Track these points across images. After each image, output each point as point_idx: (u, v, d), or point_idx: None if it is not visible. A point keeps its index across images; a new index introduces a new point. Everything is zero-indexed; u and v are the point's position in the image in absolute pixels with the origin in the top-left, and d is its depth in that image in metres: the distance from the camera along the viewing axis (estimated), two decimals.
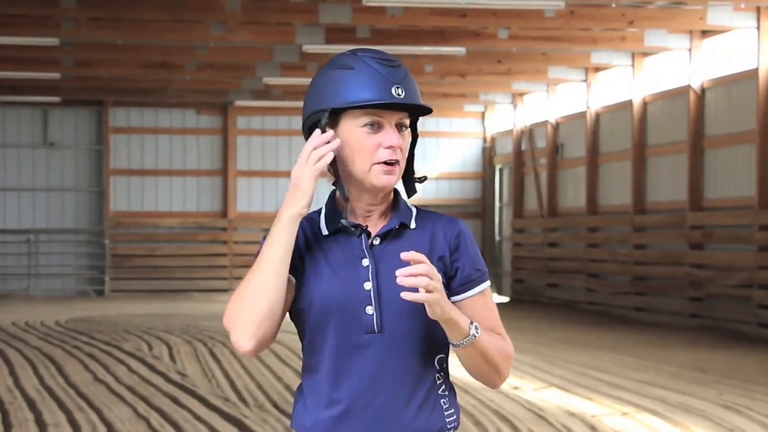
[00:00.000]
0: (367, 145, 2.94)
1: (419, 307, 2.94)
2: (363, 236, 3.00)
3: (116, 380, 12.59)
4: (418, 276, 2.82)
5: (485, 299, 3.05)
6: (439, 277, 2.85)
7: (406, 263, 2.90)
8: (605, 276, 22.90)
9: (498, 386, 3.06)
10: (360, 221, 3.02)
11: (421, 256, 2.84)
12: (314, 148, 2.91)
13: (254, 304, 2.89)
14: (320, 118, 2.94)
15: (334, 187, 3.04)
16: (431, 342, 3.01)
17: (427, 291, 2.83)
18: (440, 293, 2.85)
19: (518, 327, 19.33)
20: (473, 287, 3.03)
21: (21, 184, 27.44)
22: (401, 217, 3.03)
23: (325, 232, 3.01)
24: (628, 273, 21.70)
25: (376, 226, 3.03)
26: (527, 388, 11.96)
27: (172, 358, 14.67)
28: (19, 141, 27.45)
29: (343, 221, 2.99)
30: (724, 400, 11.13)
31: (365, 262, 2.98)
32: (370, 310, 2.95)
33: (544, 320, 20.95)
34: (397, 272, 2.83)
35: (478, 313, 3.01)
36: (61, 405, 11.00)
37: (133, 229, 27.85)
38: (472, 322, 2.93)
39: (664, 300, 20.54)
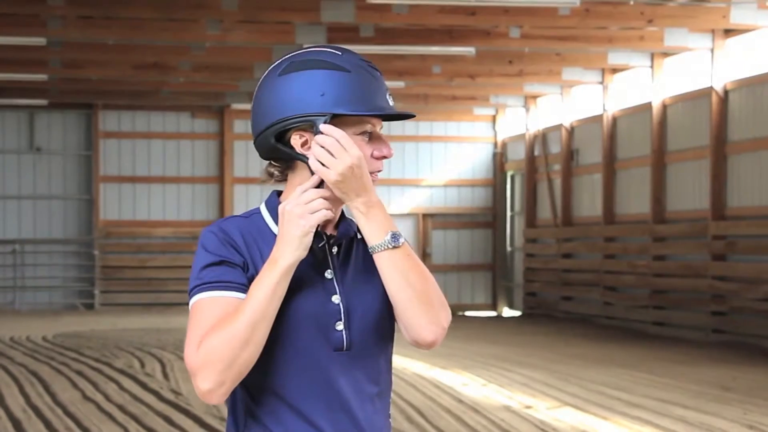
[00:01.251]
0: (365, 155, 2.86)
1: (381, 322, 2.90)
2: (326, 245, 2.91)
3: (106, 399, 12.60)
4: (326, 153, 2.79)
5: None
6: (356, 165, 2.79)
7: (366, 275, 2.87)
8: (623, 289, 22.90)
9: (433, 334, 2.85)
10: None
11: (341, 138, 2.80)
12: (314, 197, 2.80)
13: (240, 355, 2.74)
14: (314, 123, 2.83)
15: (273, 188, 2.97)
16: (388, 356, 2.97)
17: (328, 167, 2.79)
18: (339, 174, 2.78)
19: (530, 342, 19.33)
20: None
21: (6, 192, 27.49)
22: (348, 224, 2.96)
23: None
24: (646, 286, 21.69)
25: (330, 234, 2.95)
26: (540, 407, 11.97)
27: (165, 375, 14.68)
28: (3, 146, 27.50)
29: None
30: (749, 420, 11.13)
31: (329, 273, 2.90)
32: (339, 326, 2.87)
33: (558, 335, 20.94)
34: (316, 137, 2.80)
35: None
36: (48, 425, 11.01)
37: (124, 239, 27.88)
38: (396, 232, 2.85)
39: (684, 314, 20.53)
